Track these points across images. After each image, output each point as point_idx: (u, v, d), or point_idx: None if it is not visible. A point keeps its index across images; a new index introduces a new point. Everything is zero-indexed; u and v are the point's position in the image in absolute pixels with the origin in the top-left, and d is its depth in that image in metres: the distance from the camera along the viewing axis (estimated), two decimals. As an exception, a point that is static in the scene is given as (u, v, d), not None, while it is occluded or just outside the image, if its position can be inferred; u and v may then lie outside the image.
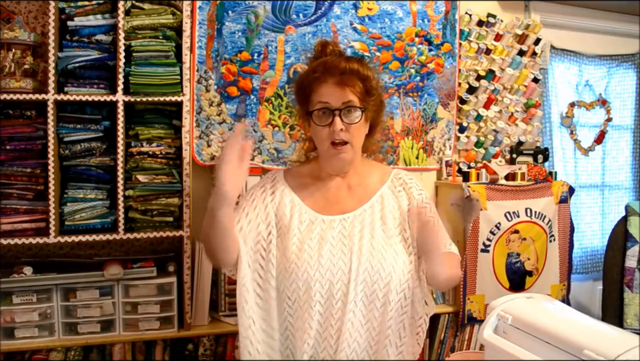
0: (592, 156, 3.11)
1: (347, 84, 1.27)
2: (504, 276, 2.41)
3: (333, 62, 1.30)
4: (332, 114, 1.27)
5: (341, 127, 1.26)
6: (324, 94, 1.28)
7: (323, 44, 1.37)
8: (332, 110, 1.27)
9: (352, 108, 1.28)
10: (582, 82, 3.06)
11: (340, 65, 1.28)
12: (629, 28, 3.06)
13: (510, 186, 2.42)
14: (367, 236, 1.29)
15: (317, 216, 1.33)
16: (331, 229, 1.30)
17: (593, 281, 3.08)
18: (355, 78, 1.28)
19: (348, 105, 1.28)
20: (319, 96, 1.28)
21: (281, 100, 2.30)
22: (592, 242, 3.12)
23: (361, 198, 1.36)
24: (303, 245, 1.28)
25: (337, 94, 1.27)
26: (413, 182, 1.41)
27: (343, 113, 1.27)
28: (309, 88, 1.31)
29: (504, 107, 2.67)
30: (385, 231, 1.31)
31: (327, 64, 1.29)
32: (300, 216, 1.32)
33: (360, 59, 1.35)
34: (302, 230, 1.30)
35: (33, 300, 1.84)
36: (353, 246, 1.27)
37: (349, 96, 1.27)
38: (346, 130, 1.28)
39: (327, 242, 1.29)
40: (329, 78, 1.27)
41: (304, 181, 1.39)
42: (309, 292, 1.25)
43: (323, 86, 1.28)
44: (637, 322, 2.54)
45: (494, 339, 1.25)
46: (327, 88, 1.27)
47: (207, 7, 2.18)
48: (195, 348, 2.00)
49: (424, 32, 2.50)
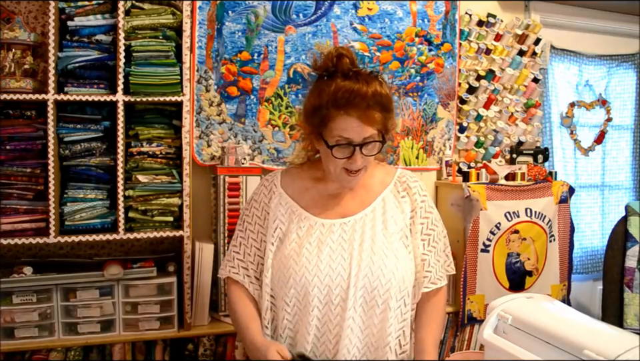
0: (592, 156, 3.11)
1: (369, 120, 1.21)
2: (504, 276, 2.41)
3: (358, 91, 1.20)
4: (352, 148, 1.22)
5: (360, 161, 1.24)
6: (346, 130, 1.21)
7: (338, 55, 1.26)
8: (354, 146, 1.22)
9: (373, 144, 1.24)
10: (582, 82, 3.07)
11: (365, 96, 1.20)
12: (628, 28, 3.07)
13: (510, 186, 2.42)
14: (367, 240, 1.27)
15: (317, 220, 1.31)
16: (331, 233, 1.29)
17: (593, 281, 3.09)
18: (377, 111, 1.22)
19: (368, 140, 1.22)
20: (340, 130, 1.21)
21: (281, 100, 2.30)
22: (592, 242, 3.13)
23: (363, 200, 1.34)
24: (302, 249, 1.27)
25: (359, 130, 1.21)
26: (417, 186, 1.37)
27: (364, 147, 1.23)
28: (327, 116, 1.22)
29: (504, 107, 2.68)
30: (387, 236, 1.29)
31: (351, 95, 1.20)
32: (299, 222, 1.31)
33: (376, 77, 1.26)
34: (301, 235, 1.29)
35: (33, 300, 1.84)
36: (353, 251, 1.26)
37: (370, 132, 1.22)
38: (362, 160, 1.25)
39: (326, 246, 1.27)
40: (353, 111, 1.20)
41: (303, 184, 1.37)
42: (307, 297, 1.24)
43: (345, 119, 1.20)
44: (637, 322, 2.54)
45: (494, 339, 1.25)
46: (349, 122, 1.20)
47: (207, 7, 2.18)
48: (194, 348, 2.00)
49: (424, 32, 2.51)
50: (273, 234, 1.32)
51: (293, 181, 1.38)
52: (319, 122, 1.25)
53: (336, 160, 1.25)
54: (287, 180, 1.39)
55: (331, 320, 1.25)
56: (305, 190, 1.36)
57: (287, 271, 1.26)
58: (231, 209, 2.05)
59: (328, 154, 1.25)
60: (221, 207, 2.05)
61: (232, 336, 2.02)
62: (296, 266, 1.25)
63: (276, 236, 1.32)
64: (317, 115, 1.25)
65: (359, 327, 1.25)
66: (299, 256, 1.26)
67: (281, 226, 1.32)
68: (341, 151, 1.23)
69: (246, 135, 2.27)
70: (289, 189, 1.37)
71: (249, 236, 1.37)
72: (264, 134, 2.29)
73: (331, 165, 1.27)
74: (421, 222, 1.34)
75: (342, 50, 1.27)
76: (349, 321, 1.23)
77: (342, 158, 1.24)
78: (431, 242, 1.35)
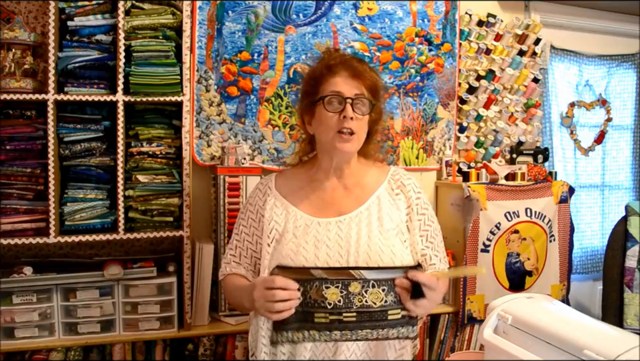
0: (592, 156, 3.11)
1: (360, 77, 1.29)
2: (504, 276, 2.41)
3: (348, 59, 1.32)
4: (344, 102, 1.27)
5: (352, 115, 1.26)
6: (337, 84, 1.28)
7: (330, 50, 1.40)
8: (344, 99, 1.27)
9: (363, 100, 1.29)
10: (582, 82, 3.06)
11: (352, 62, 1.31)
12: (628, 28, 3.06)
13: (510, 186, 2.42)
14: (364, 237, 1.28)
15: (313, 219, 1.32)
16: (327, 231, 1.29)
17: (593, 281, 3.09)
18: (365, 75, 1.30)
19: (360, 96, 1.28)
20: (332, 85, 1.29)
21: (281, 100, 2.30)
22: (592, 242, 3.13)
23: (358, 198, 1.35)
24: (299, 248, 1.27)
25: (350, 85, 1.28)
26: (411, 184, 1.39)
27: (354, 103, 1.27)
28: (320, 79, 1.31)
29: (504, 107, 2.67)
30: (382, 233, 1.30)
31: (343, 58, 1.32)
32: (295, 222, 1.32)
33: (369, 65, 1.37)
34: (297, 235, 1.30)
35: (33, 300, 1.84)
36: (350, 248, 1.27)
37: (360, 88, 1.29)
38: (354, 120, 1.27)
39: (323, 244, 1.28)
40: (343, 70, 1.29)
41: (298, 184, 1.38)
42: None
43: (337, 77, 1.29)
44: (637, 322, 2.54)
45: (494, 339, 1.25)
46: (340, 79, 1.28)
47: (206, 7, 2.18)
48: (195, 348, 2.00)
49: (424, 32, 2.50)
50: (269, 235, 1.32)
51: (288, 182, 1.40)
52: (312, 90, 1.32)
53: (328, 122, 1.27)
54: (282, 181, 1.41)
55: None
56: (300, 189, 1.37)
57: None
58: (231, 209, 2.04)
59: (323, 117, 1.28)
60: (220, 207, 2.05)
61: (232, 336, 2.02)
62: (294, 265, 1.25)
63: (272, 237, 1.32)
64: (312, 83, 1.33)
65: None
66: (297, 255, 1.26)
67: (277, 227, 1.32)
68: (332, 104, 1.27)
69: (246, 135, 2.27)
70: (284, 190, 1.38)
71: (245, 239, 1.39)
72: (264, 134, 2.29)
73: (323, 132, 1.30)
74: (418, 218, 1.35)
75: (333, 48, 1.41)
76: None
77: (333, 113, 1.27)
78: (429, 238, 1.36)
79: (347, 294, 1.15)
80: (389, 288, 1.17)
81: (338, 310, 1.15)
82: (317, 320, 1.15)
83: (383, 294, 1.17)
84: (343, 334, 1.16)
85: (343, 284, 1.15)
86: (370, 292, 1.16)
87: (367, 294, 1.16)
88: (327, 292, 1.15)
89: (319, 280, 1.16)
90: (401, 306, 1.17)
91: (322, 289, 1.15)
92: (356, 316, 1.16)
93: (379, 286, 1.17)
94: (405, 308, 1.18)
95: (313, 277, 1.16)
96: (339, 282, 1.15)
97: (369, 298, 1.16)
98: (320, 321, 1.15)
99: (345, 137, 1.28)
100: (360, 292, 1.16)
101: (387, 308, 1.17)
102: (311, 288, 1.15)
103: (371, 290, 1.16)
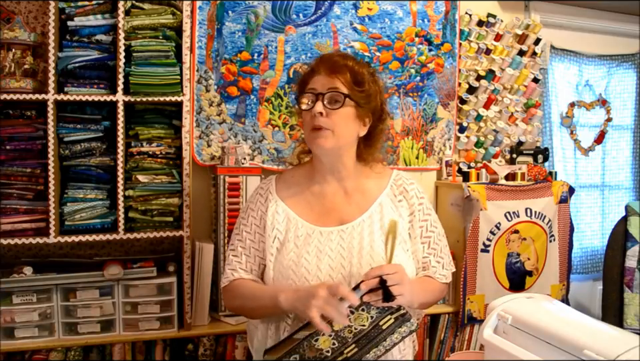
0: (592, 156, 3.11)
1: (336, 72, 1.27)
2: (504, 276, 2.41)
3: (330, 55, 1.33)
4: (316, 98, 1.26)
5: (320, 110, 1.24)
6: (314, 82, 1.28)
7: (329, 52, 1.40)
8: (316, 95, 1.26)
9: (335, 94, 1.25)
10: (582, 82, 3.06)
11: (333, 57, 1.31)
12: (628, 28, 3.06)
13: (510, 186, 2.42)
14: (366, 247, 1.26)
15: (314, 228, 1.29)
16: (329, 241, 1.27)
17: (593, 281, 3.09)
18: (345, 68, 1.28)
19: (331, 91, 1.25)
20: (311, 84, 1.29)
21: (281, 100, 2.30)
22: (592, 242, 3.13)
23: (360, 205, 1.32)
24: (300, 259, 1.25)
25: (324, 81, 1.27)
26: (414, 189, 1.36)
27: (326, 97, 1.25)
28: (305, 82, 1.31)
29: (504, 107, 2.67)
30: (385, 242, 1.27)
31: (323, 58, 1.33)
32: (296, 231, 1.29)
33: (358, 59, 1.35)
34: (299, 245, 1.28)
35: (33, 300, 1.84)
36: (352, 259, 1.25)
37: (335, 83, 1.26)
38: (327, 117, 1.24)
39: (325, 254, 1.26)
40: (322, 69, 1.28)
41: (298, 189, 1.36)
42: None
43: (316, 75, 1.29)
44: (637, 322, 2.54)
45: (494, 339, 1.25)
46: (319, 76, 1.28)
47: (206, 7, 2.18)
48: (195, 348, 2.00)
49: (424, 32, 2.50)
50: (272, 244, 1.30)
51: (288, 187, 1.37)
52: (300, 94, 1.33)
53: (306, 119, 1.28)
54: (282, 186, 1.38)
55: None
56: (301, 194, 1.35)
57: (286, 282, 1.25)
58: (231, 209, 2.04)
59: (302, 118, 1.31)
60: (220, 207, 2.05)
61: (232, 336, 2.02)
62: (295, 277, 1.24)
63: (274, 246, 1.30)
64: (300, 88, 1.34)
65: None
66: (298, 266, 1.25)
67: (279, 236, 1.30)
68: (305, 100, 1.28)
69: (246, 135, 2.27)
70: (285, 196, 1.35)
71: (250, 246, 1.35)
72: (264, 134, 2.29)
73: (305, 130, 1.31)
74: (420, 225, 1.34)
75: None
76: None
77: (306, 110, 1.28)
78: (432, 244, 1.35)
79: (335, 335, 1.16)
80: (366, 305, 1.17)
81: (339, 352, 1.15)
82: None
83: (366, 312, 1.18)
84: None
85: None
86: (354, 319, 1.17)
87: (353, 322, 1.17)
88: (319, 344, 1.16)
89: (307, 338, 1.16)
90: (387, 310, 1.18)
91: (313, 344, 1.16)
92: (356, 346, 1.16)
93: (356, 309, 1.17)
94: (392, 312, 1.17)
95: (299, 339, 1.17)
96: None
97: (356, 324, 1.17)
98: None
99: (315, 132, 1.26)
100: (345, 326, 1.17)
101: (377, 321, 1.17)
102: (304, 350, 1.16)
103: (353, 318, 1.17)
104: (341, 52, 1.38)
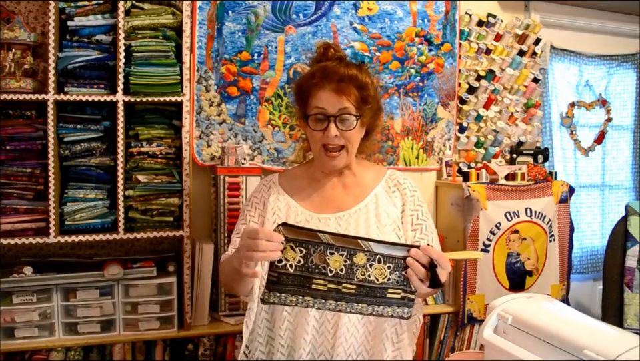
0: (592, 156, 3.11)
1: (344, 92, 1.28)
2: (504, 276, 2.41)
3: (332, 68, 1.31)
4: (327, 120, 1.29)
5: (336, 133, 1.29)
6: (321, 100, 1.29)
7: (324, 47, 1.38)
8: (327, 117, 1.29)
9: (347, 116, 1.30)
10: (582, 82, 3.06)
11: (339, 71, 1.30)
12: (628, 28, 3.06)
13: (510, 186, 2.42)
14: (362, 233, 1.30)
15: (312, 215, 1.34)
16: (327, 227, 1.32)
17: (593, 281, 3.09)
18: (352, 86, 1.29)
19: (343, 112, 1.29)
20: (316, 101, 1.30)
21: (281, 100, 2.30)
22: (592, 242, 3.13)
23: (357, 196, 1.38)
24: None
25: (334, 101, 1.28)
26: (406, 183, 1.42)
27: (338, 120, 1.29)
28: (307, 92, 1.33)
29: (504, 107, 2.67)
30: (380, 228, 1.32)
31: (326, 70, 1.31)
32: (295, 217, 1.34)
33: (359, 65, 1.36)
34: None
35: (33, 300, 1.84)
36: None
37: (344, 103, 1.28)
38: (340, 136, 1.30)
39: None
40: (327, 84, 1.29)
41: (299, 183, 1.42)
42: None
43: (321, 92, 1.29)
44: (637, 322, 2.54)
45: (494, 339, 1.25)
46: (324, 94, 1.29)
47: (206, 7, 2.18)
48: (195, 348, 2.00)
49: (424, 32, 2.50)
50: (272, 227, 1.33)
51: (290, 182, 1.43)
52: (302, 102, 1.35)
53: (315, 136, 1.31)
54: (285, 180, 1.44)
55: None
56: (301, 189, 1.41)
57: None
58: (231, 209, 2.05)
59: (311, 133, 1.32)
60: (220, 207, 2.05)
61: (232, 336, 2.02)
62: None
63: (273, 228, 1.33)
64: (301, 96, 1.35)
65: (357, 316, 1.27)
66: None
67: (278, 221, 1.34)
68: (316, 122, 1.30)
69: (246, 135, 2.27)
70: (287, 188, 1.42)
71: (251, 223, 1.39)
72: (264, 134, 2.29)
73: (313, 145, 1.35)
74: (410, 214, 1.38)
75: (328, 42, 1.40)
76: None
77: (318, 130, 1.30)
78: (423, 231, 1.37)
79: (350, 265, 1.12)
80: (394, 266, 1.13)
81: (338, 280, 1.12)
82: (315, 287, 1.13)
83: (388, 271, 1.13)
84: (337, 305, 1.13)
85: (349, 253, 1.12)
86: (375, 267, 1.13)
87: (371, 268, 1.13)
88: (330, 259, 1.12)
89: (324, 245, 1.12)
90: (403, 286, 1.14)
91: (326, 254, 1.12)
92: (355, 289, 1.13)
93: (385, 262, 1.13)
94: (406, 290, 1.14)
95: (319, 240, 1.12)
96: (344, 250, 1.12)
97: (372, 273, 1.13)
98: (317, 288, 1.13)
99: (330, 154, 1.32)
100: (364, 265, 1.12)
101: (388, 287, 1.14)
102: (314, 252, 1.12)
103: (376, 265, 1.13)
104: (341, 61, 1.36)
